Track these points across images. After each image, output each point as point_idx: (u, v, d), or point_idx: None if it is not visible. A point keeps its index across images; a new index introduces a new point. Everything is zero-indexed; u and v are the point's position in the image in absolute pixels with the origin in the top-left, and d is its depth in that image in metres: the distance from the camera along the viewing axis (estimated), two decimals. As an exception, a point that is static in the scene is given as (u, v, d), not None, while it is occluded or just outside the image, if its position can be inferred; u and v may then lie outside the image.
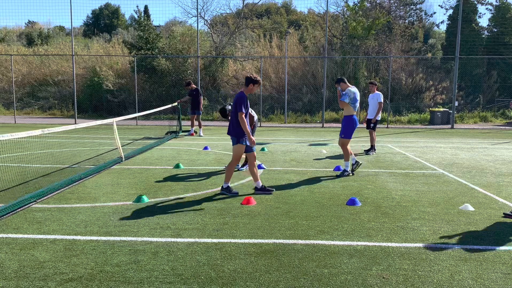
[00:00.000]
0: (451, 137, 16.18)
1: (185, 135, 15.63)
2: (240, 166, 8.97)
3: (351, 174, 8.43)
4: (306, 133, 17.44)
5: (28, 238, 4.73)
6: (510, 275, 3.89)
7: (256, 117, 8.96)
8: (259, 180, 6.90)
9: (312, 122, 23.31)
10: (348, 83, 8.56)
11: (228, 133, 6.81)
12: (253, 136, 9.07)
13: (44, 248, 4.45)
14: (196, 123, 15.82)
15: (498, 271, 3.99)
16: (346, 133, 8.46)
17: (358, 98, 8.48)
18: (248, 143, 6.73)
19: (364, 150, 11.76)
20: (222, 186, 6.87)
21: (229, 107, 8.81)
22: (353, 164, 8.61)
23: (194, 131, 15.90)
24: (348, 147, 8.47)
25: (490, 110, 26.20)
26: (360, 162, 8.70)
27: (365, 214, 5.76)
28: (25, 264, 4.06)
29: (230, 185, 6.91)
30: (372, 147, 11.43)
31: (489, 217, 5.67)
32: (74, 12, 26.78)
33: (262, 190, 6.84)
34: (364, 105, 23.88)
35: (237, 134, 6.64)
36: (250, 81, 6.68)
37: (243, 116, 6.51)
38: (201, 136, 15.54)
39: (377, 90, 11.33)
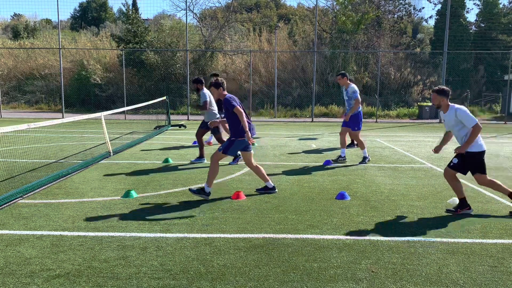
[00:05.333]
0: (439, 131, 16.31)
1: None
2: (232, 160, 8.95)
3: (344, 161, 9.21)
4: (296, 128, 17.45)
5: (14, 234, 4.66)
6: (497, 268, 3.93)
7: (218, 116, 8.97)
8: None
9: (302, 116, 23.34)
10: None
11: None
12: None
13: (30, 244, 4.38)
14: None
15: (485, 263, 4.03)
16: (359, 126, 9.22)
17: None
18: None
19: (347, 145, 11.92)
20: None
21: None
22: (341, 156, 9.27)
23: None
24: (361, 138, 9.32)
25: (477, 104, 26.49)
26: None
27: (354, 208, 5.79)
28: (11, 260, 3.99)
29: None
30: (353, 142, 11.58)
31: (477, 210, 5.72)
32: (61, 5, 26.44)
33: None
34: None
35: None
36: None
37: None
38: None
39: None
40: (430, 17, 41.78)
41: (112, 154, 9.61)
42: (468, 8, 29.37)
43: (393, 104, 25.15)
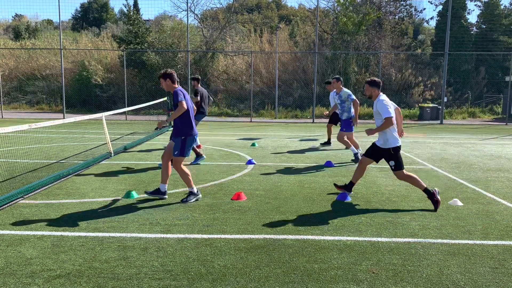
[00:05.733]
0: (440, 133, 16.31)
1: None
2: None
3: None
4: (297, 129, 17.45)
5: (15, 235, 4.66)
6: (498, 269, 3.93)
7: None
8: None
9: (302, 117, 23.33)
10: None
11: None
12: None
13: (31, 244, 4.39)
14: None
15: (486, 265, 4.02)
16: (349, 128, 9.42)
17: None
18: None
19: (321, 143, 12.38)
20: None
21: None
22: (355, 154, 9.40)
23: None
24: (354, 138, 9.48)
25: (478, 106, 26.47)
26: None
27: (354, 209, 5.78)
28: (12, 261, 4.00)
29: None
30: (329, 141, 12.20)
31: (478, 212, 5.72)
32: (63, 6, 26.50)
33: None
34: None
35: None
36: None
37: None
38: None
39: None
40: (431, 18, 41.88)
41: (113, 154, 9.62)
42: (469, 10, 29.49)
43: (394, 105, 25.14)
